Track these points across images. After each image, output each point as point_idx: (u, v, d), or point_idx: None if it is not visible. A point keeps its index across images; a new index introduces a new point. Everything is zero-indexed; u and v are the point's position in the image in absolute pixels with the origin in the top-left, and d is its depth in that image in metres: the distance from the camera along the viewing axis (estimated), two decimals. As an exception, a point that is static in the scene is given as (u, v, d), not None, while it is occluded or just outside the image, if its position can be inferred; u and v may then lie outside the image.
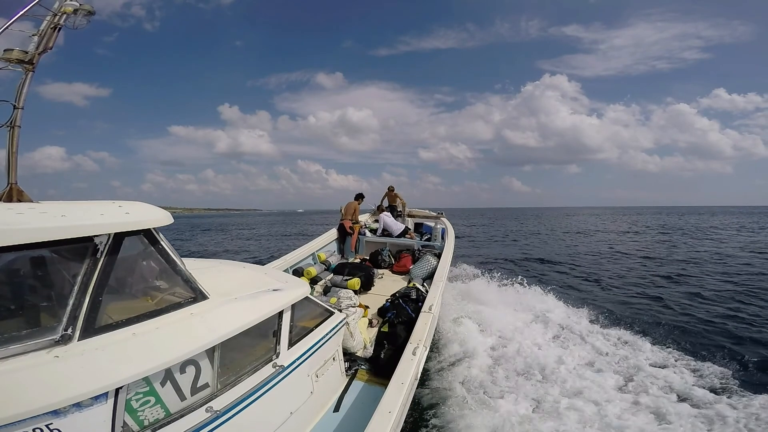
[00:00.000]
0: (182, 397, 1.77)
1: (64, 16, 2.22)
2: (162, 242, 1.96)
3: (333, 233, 7.73)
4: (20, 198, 1.93)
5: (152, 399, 1.64)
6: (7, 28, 2.00)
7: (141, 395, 1.60)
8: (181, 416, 1.73)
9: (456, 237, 7.58)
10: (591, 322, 5.83)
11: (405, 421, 2.70)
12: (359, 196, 8.13)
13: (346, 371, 3.24)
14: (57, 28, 2.21)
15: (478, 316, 5.26)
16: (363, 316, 4.05)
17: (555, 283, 8.68)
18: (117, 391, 1.48)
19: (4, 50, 2.01)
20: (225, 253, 18.13)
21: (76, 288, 1.56)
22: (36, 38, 2.14)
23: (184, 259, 2.23)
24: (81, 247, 1.61)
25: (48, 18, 2.19)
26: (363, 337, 3.69)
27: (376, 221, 8.53)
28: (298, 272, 5.78)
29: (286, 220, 63.79)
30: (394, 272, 6.71)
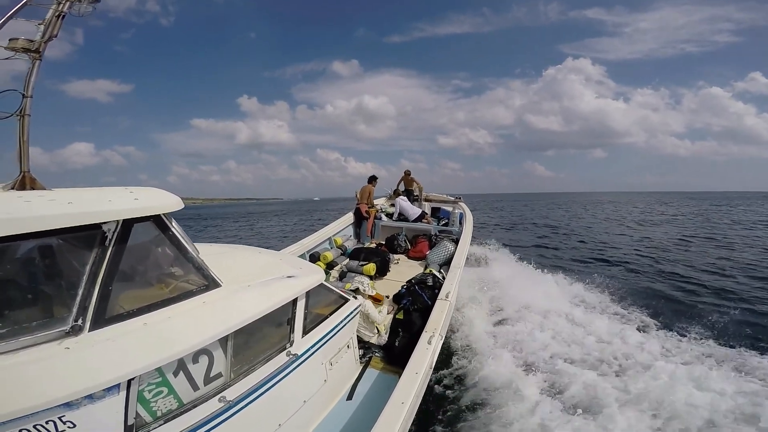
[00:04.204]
0: (195, 387, 1.77)
1: (69, 3, 2.19)
2: (173, 228, 1.92)
3: (349, 217, 7.71)
4: (33, 186, 1.93)
5: (165, 389, 1.64)
6: (11, 17, 1.98)
7: (153, 386, 1.60)
8: (194, 406, 1.74)
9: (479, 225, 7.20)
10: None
11: (418, 410, 2.67)
12: (372, 179, 8.06)
13: (360, 359, 3.23)
14: (62, 16, 2.17)
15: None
16: (376, 306, 4.01)
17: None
18: (129, 382, 1.48)
19: (10, 39, 2.00)
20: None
21: (85, 277, 1.54)
22: (42, 27, 2.11)
23: (198, 245, 2.21)
24: (89, 234, 1.58)
25: (53, 6, 2.16)
26: (378, 324, 3.66)
27: (392, 205, 8.45)
28: (314, 257, 5.83)
29: (282, 210, 58.26)
30: (410, 257, 6.62)
